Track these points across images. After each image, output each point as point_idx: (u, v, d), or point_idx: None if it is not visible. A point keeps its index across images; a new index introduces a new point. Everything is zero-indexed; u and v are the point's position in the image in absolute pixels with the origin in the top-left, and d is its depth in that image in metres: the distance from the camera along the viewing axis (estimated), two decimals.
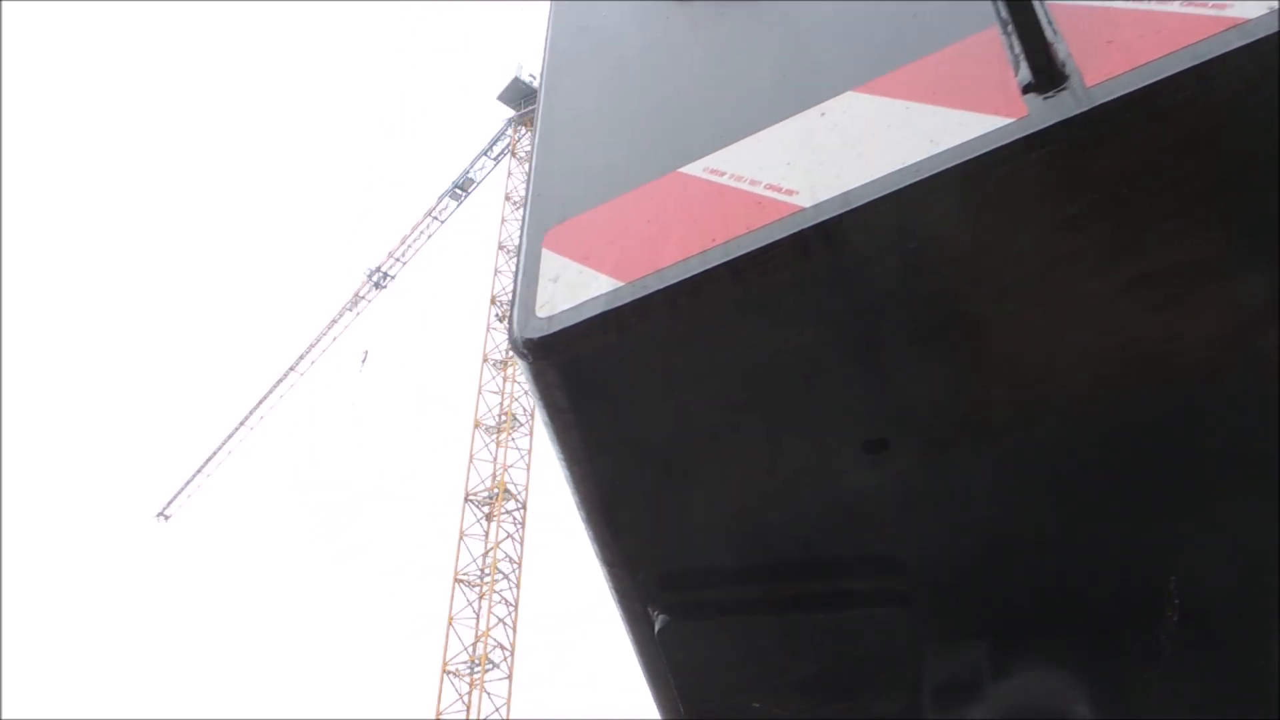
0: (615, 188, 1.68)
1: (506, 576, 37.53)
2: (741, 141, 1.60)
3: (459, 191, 49.27)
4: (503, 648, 36.13)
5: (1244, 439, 1.77)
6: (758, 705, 2.50)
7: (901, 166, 1.39)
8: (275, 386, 51.79)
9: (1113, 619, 2.25)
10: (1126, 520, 1.98)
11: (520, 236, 1.73)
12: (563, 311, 1.55)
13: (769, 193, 1.50)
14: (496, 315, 43.14)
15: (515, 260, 1.71)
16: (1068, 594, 2.23)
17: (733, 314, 1.50)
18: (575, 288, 1.56)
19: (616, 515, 1.94)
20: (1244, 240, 1.48)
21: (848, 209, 1.40)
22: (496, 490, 39.15)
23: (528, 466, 40.04)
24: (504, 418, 40.62)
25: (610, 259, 1.55)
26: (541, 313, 1.56)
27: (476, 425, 40.76)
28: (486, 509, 39.03)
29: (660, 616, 2.14)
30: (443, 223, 49.65)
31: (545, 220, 1.70)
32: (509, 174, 46.46)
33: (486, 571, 37.50)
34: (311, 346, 51.28)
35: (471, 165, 48.87)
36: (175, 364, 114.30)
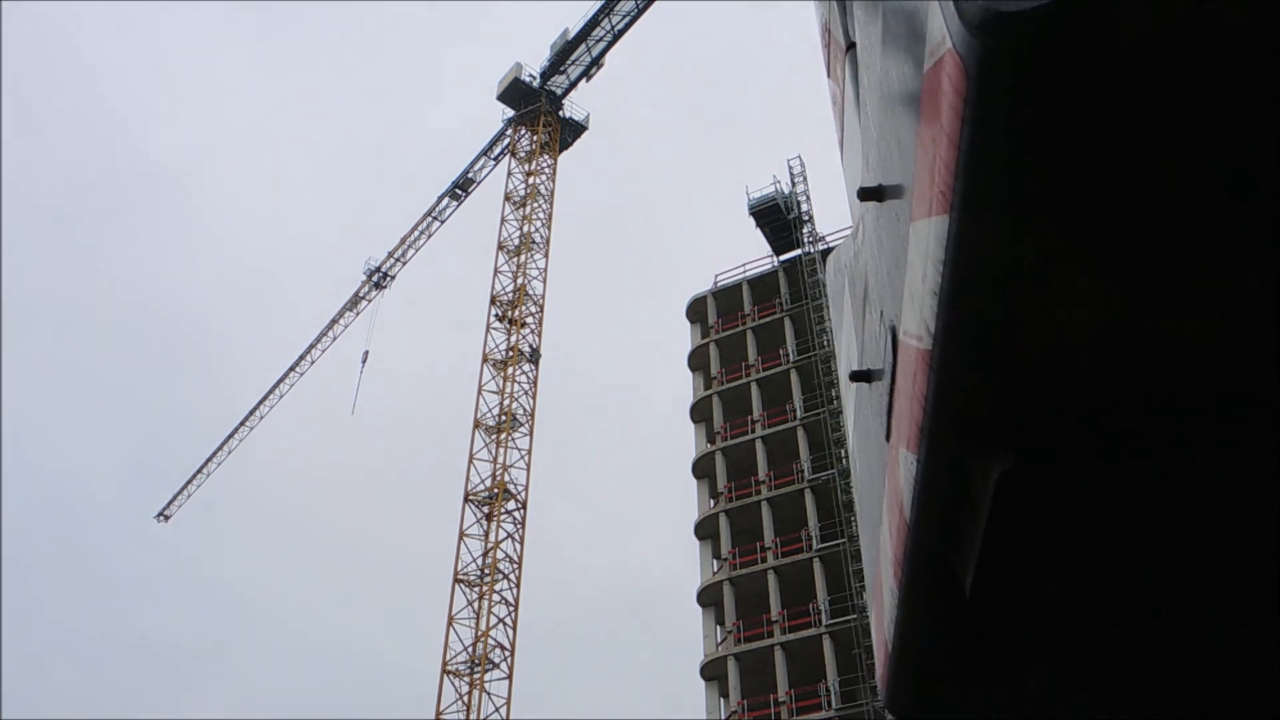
0: None
1: (506, 576, 37.39)
2: None
3: (459, 191, 49.15)
4: (503, 648, 36.03)
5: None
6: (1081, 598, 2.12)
7: None
8: (275, 386, 51.79)
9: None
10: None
11: None
12: None
13: None
14: (496, 315, 43.05)
15: None
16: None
17: None
18: None
19: (996, 289, 1.53)
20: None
21: None
22: (496, 490, 39.01)
23: (528, 466, 39.93)
24: (504, 418, 40.49)
25: None
26: None
27: (476, 425, 40.62)
28: (486, 509, 38.90)
29: (1005, 458, 1.74)
30: (443, 223, 49.59)
31: None
32: (509, 174, 46.39)
33: (486, 572, 37.37)
34: (311, 346, 51.27)
35: (471, 165, 48.80)
36: (175, 364, 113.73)
